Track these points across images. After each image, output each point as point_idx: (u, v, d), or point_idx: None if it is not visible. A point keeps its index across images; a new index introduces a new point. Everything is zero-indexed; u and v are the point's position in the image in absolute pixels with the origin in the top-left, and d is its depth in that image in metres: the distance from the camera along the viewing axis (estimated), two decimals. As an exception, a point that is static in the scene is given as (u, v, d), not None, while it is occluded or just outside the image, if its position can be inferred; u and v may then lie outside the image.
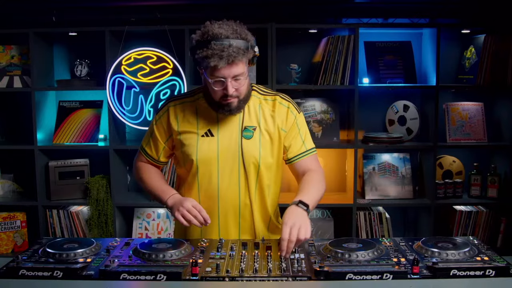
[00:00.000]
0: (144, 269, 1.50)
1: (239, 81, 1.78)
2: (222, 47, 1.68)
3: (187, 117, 1.92)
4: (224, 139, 1.89)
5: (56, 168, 3.42)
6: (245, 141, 1.88)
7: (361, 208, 3.42)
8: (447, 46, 3.48)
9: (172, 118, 1.93)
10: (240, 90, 1.81)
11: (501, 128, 3.48)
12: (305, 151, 1.97)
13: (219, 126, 1.90)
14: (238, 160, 1.88)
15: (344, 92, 3.49)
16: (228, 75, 1.74)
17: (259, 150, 1.89)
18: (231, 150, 1.88)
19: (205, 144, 1.88)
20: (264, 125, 1.91)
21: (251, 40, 1.79)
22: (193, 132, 1.90)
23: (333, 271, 1.48)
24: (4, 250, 3.42)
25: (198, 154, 1.87)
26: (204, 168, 1.89)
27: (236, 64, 1.73)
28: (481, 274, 1.49)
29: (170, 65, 3.29)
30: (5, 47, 3.46)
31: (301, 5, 3.27)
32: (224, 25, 1.74)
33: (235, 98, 1.81)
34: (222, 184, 1.89)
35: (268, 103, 1.94)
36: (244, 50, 1.73)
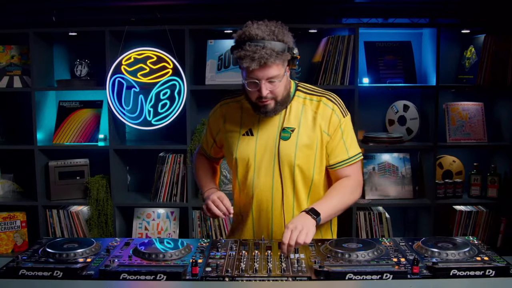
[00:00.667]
0: (144, 269, 1.50)
1: (274, 83, 1.76)
2: (255, 48, 1.68)
3: (232, 116, 1.96)
4: (262, 138, 1.90)
5: (56, 168, 3.42)
6: (282, 142, 1.87)
7: (361, 208, 3.42)
8: (447, 46, 3.48)
9: (220, 117, 1.99)
10: (276, 92, 1.79)
11: (501, 128, 3.48)
12: (347, 159, 1.91)
13: (259, 126, 1.91)
14: (273, 160, 1.88)
15: (344, 92, 3.48)
16: (262, 77, 1.73)
17: (294, 152, 1.87)
18: (268, 150, 1.89)
19: (245, 142, 1.91)
20: (304, 127, 1.88)
21: (289, 42, 1.77)
22: (236, 131, 1.94)
23: (333, 271, 1.48)
24: (4, 250, 3.42)
25: (237, 152, 1.91)
26: (242, 166, 1.92)
27: (269, 66, 1.71)
28: (481, 274, 1.49)
29: (170, 65, 3.29)
30: (5, 47, 3.46)
31: (301, 5, 3.27)
32: (262, 26, 1.73)
33: (271, 100, 1.81)
34: (257, 183, 1.90)
35: (313, 104, 1.91)
36: (278, 52, 1.71)
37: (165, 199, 3.43)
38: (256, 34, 1.70)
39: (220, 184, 3.38)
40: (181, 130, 3.37)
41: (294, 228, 1.66)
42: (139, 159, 3.67)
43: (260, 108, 1.83)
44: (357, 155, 1.94)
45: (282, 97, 1.83)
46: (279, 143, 1.87)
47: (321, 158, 1.91)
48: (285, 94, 1.84)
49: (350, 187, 1.89)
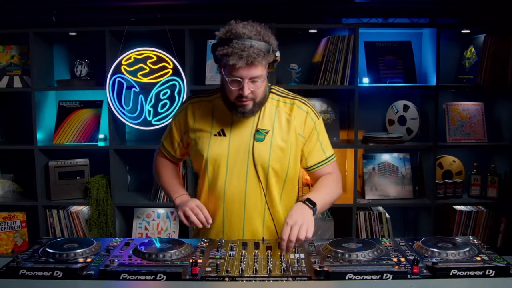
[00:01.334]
0: (144, 269, 1.50)
1: (256, 83, 1.76)
2: (243, 46, 1.68)
3: (203, 116, 1.93)
4: (235, 140, 1.88)
5: (56, 168, 3.42)
6: (256, 143, 1.86)
7: (361, 208, 3.42)
8: (447, 46, 3.48)
9: (189, 116, 1.95)
10: (256, 92, 1.79)
11: (501, 128, 3.48)
12: (325, 159, 1.95)
13: (232, 127, 1.89)
14: (247, 162, 1.87)
15: (344, 92, 3.49)
16: (246, 76, 1.73)
17: (269, 154, 1.86)
18: (241, 152, 1.87)
19: (217, 143, 1.89)
20: (278, 129, 1.88)
21: (273, 44, 1.78)
22: (206, 130, 1.91)
23: (333, 271, 1.48)
24: (4, 250, 3.42)
25: (208, 152, 1.88)
26: (213, 167, 1.89)
27: (255, 65, 1.72)
28: (481, 274, 1.49)
29: (170, 65, 3.29)
30: (5, 47, 3.46)
31: (301, 5, 3.27)
32: (248, 26, 1.74)
33: (250, 100, 1.80)
34: (229, 184, 1.88)
35: (286, 106, 1.91)
36: (264, 53, 1.72)
37: (165, 199, 3.43)
38: (243, 32, 1.70)
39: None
40: (181, 130, 3.37)
41: (294, 223, 1.65)
42: (139, 159, 3.67)
43: (237, 108, 1.82)
44: (333, 155, 2.00)
45: (261, 99, 1.84)
46: (253, 145, 1.86)
47: (295, 160, 1.93)
48: (263, 95, 1.85)
49: (334, 181, 1.94)
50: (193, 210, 1.82)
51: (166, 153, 2.07)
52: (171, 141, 2.03)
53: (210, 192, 1.93)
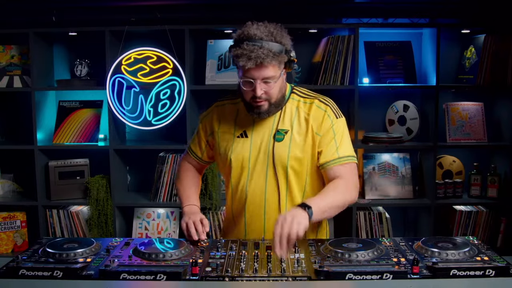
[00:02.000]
0: (144, 269, 1.50)
1: (269, 84, 1.77)
2: (252, 48, 1.69)
3: (227, 118, 1.95)
4: (256, 141, 1.89)
5: (56, 168, 3.42)
6: (276, 143, 1.87)
7: (361, 208, 3.42)
8: (447, 46, 3.48)
9: (214, 119, 1.98)
10: (270, 93, 1.79)
11: (501, 128, 3.48)
12: (337, 158, 1.87)
13: (254, 128, 1.90)
14: (267, 162, 1.88)
15: (344, 92, 3.49)
16: (257, 77, 1.74)
17: (287, 153, 1.86)
18: (262, 152, 1.88)
19: (239, 144, 1.90)
20: (297, 128, 1.88)
21: (287, 45, 1.78)
22: (230, 132, 1.93)
23: (333, 271, 1.48)
24: (4, 250, 3.42)
25: (232, 154, 1.90)
26: (236, 168, 1.91)
27: (265, 66, 1.72)
28: (481, 274, 1.49)
29: (170, 65, 3.29)
30: (5, 47, 3.46)
31: (301, 5, 3.27)
32: (261, 27, 1.75)
33: (265, 101, 1.81)
34: (250, 185, 1.90)
35: (306, 106, 1.91)
36: (275, 53, 1.72)
37: (165, 199, 3.43)
38: (254, 34, 1.71)
39: (220, 184, 3.38)
40: (181, 130, 3.37)
41: (284, 220, 1.61)
42: (139, 159, 3.67)
43: (254, 108, 1.83)
44: (349, 156, 1.89)
45: (276, 99, 1.83)
46: (273, 145, 1.87)
47: (314, 160, 1.90)
48: (279, 96, 1.84)
49: (343, 187, 1.83)
50: (191, 225, 1.85)
51: (192, 155, 2.08)
52: (198, 143, 2.05)
53: (234, 194, 1.95)
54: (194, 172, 2.12)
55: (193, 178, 2.11)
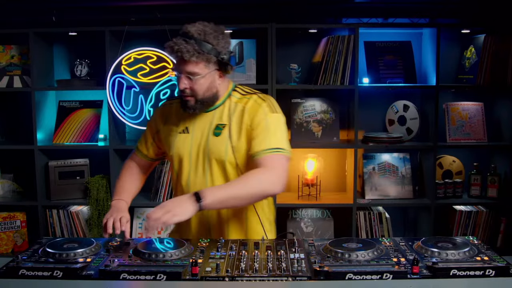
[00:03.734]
0: (144, 269, 1.50)
1: (194, 80, 1.83)
2: (178, 42, 1.79)
3: (172, 116, 2.02)
4: (197, 136, 1.95)
5: (56, 168, 3.42)
6: (213, 138, 1.92)
7: (361, 208, 3.42)
8: (447, 46, 3.48)
9: (160, 117, 2.06)
10: (195, 89, 1.85)
11: (501, 128, 3.48)
12: (265, 149, 1.82)
13: (195, 124, 1.96)
14: (207, 157, 1.93)
15: (344, 92, 3.49)
16: (181, 71, 1.84)
17: (225, 148, 1.90)
18: (202, 147, 1.93)
19: (181, 140, 1.96)
20: (234, 123, 1.91)
21: (217, 46, 1.82)
22: (173, 129, 1.99)
23: (333, 271, 1.48)
24: (4, 250, 3.42)
25: (174, 150, 1.97)
26: (177, 164, 1.98)
27: (187, 61, 1.80)
28: (481, 274, 1.49)
29: (170, 65, 3.29)
30: (5, 47, 3.46)
31: (301, 5, 3.27)
32: (198, 25, 1.83)
33: (190, 96, 1.87)
34: (192, 180, 1.95)
35: (243, 101, 1.94)
36: (198, 51, 1.78)
37: (165, 199, 3.43)
38: (188, 30, 1.81)
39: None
40: (181, 130, 3.37)
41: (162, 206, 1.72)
42: (139, 159, 3.66)
43: (183, 103, 1.91)
44: (279, 148, 1.83)
45: (203, 97, 1.88)
46: (212, 140, 1.91)
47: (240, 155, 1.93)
48: (208, 94, 1.88)
49: (257, 176, 1.79)
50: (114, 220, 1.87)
51: (139, 154, 2.15)
52: (144, 141, 2.12)
53: (178, 188, 2.01)
54: (136, 170, 2.15)
55: (132, 175, 2.14)
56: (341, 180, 3.66)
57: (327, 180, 3.61)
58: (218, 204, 1.78)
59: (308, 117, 3.47)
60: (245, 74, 3.37)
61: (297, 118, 3.47)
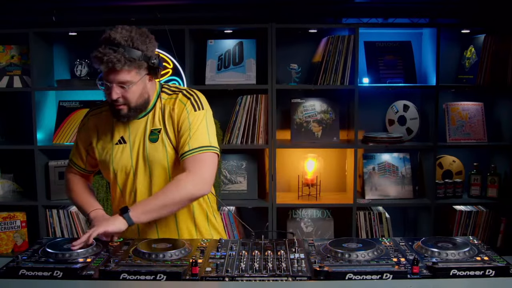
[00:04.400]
0: (144, 269, 1.50)
1: (125, 89, 1.77)
2: (106, 51, 1.70)
3: (104, 126, 1.94)
4: (135, 144, 1.89)
5: (56, 168, 3.42)
6: (151, 144, 1.88)
7: (361, 208, 3.42)
8: (447, 46, 3.48)
9: (91, 128, 1.96)
10: (128, 97, 1.79)
11: (501, 128, 3.48)
12: (187, 151, 1.83)
13: (130, 132, 1.90)
14: (148, 164, 1.88)
15: (344, 92, 3.49)
16: (112, 81, 1.75)
17: (165, 152, 1.88)
18: (141, 155, 1.88)
19: (119, 151, 1.90)
20: (167, 126, 1.89)
21: (147, 51, 1.78)
22: (108, 141, 1.92)
23: (333, 271, 1.48)
24: (4, 250, 3.42)
25: (113, 163, 1.90)
26: (121, 175, 1.91)
27: (118, 71, 1.73)
28: (481, 274, 1.49)
29: (170, 65, 3.29)
30: (5, 47, 3.46)
31: (301, 5, 3.27)
32: (124, 31, 1.75)
33: (123, 105, 1.81)
34: (137, 189, 1.90)
35: (171, 102, 1.91)
36: (129, 59, 1.72)
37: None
38: (114, 38, 1.72)
39: (220, 184, 3.38)
40: (181, 130, 3.37)
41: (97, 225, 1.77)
42: (139, 159, 3.66)
43: (114, 112, 1.84)
44: (200, 148, 1.83)
45: (136, 104, 1.83)
46: (150, 147, 1.87)
47: None
48: (140, 101, 1.84)
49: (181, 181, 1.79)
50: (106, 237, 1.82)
51: (75, 167, 2.06)
52: (78, 154, 2.03)
53: (122, 200, 1.95)
54: (82, 180, 2.09)
55: (84, 185, 2.07)
56: (341, 180, 3.66)
57: (327, 180, 3.61)
58: (145, 217, 1.79)
59: (308, 117, 3.47)
60: (245, 74, 3.37)
61: (297, 118, 3.47)
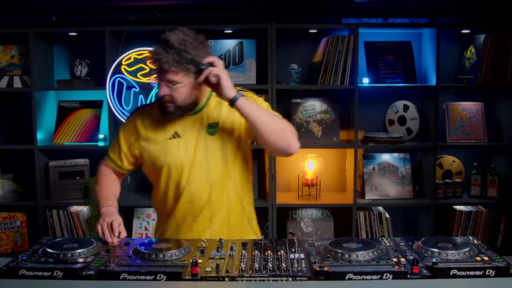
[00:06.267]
0: (144, 269, 1.50)
1: (174, 88, 1.83)
2: (160, 51, 1.80)
3: (153, 123, 1.98)
4: (191, 138, 1.93)
5: (56, 168, 3.42)
6: (209, 137, 1.92)
7: (361, 208, 3.42)
8: (447, 46, 3.48)
9: (139, 125, 1.99)
10: (174, 96, 1.84)
11: (501, 128, 3.48)
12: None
13: (185, 127, 1.94)
14: (205, 157, 1.91)
15: (344, 92, 3.49)
16: (161, 79, 1.84)
17: (224, 145, 1.92)
18: (198, 149, 1.92)
19: (174, 146, 1.93)
20: (227, 120, 1.93)
21: (197, 56, 1.82)
22: (160, 136, 1.95)
23: (333, 271, 1.48)
24: (4, 250, 3.42)
25: (168, 157, 1.92)
26: (176, 170, 1.92)
27: (167, 71, 1.80)
28: (481, 274, 1.49)
29: (170, 65, 3.28)
30: (5, 47, 3.46)
31: (301, 5, 3.27)
32: (180, 33, 1.84)
33: (170, 102, 1.86)
34: (193, 182, 1.92)
35: None
36: (178, 62, 1.78)
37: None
38: (167, 39, 1.82)
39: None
40: (181, 130, 3.37)
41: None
42: (139, 159, 3.66)
43: (162, 108, 1.90)
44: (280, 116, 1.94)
45: (183, 104, 1.87)
46: (209, 140, 1.92)
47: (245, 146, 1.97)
48: (187, 101, 1.88)
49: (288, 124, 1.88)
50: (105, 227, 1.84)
51: (112, 164, 2.07)
52: (118, 152, 2.04)
53: (176, 195, 1.95)
54: (113, 176, 2.11)
55: (112, 181, 2.10)
56: (341, 180, 3.66)
57: (327, 180, 3.61)
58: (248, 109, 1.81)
59: (308, 117, 3.47)
60: (245, 74, 3.37)
61: (297, 118, 3.47)
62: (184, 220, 1.96)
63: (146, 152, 1.97)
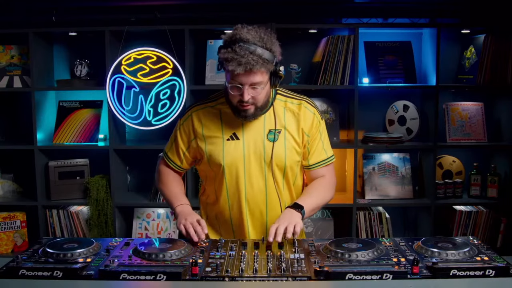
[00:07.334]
0: (144, 269, 1.50)
1: (257, 89, 1.78)
2: (243, 53, 1.68)
3: (211, 122, 1.93)
4: (249, 141, 1.90)
5: (56, 168, 3.42)
6: (269, 143, 1.89)
7: (361, 208, 3.42)
8: (447, 46, 3.48)
9: (196, 123, 1.94)
10: (257, 98, 1.81)
11: (501, 128, 3.48)
12: (325, 159, 2.01)
13: (244, 129, 1.90)
14: (263, 162, 1.90)
15: (344, 92, 3.49)
16: (246, 82, 1.74)
17: (284, 152, 1.91)
18: (257, 153, 1.90)
19: (231, 147, 1.90)
20: (290, 128, 1.92)
21: (276, 52, 1.78)
22: (218, 136, 1.91)
23: (333, 271, 1.48)
24: (4, 250, 3.42)
25: (225, 158, 1.89)
26: (231, 171, 1.91)
27: (254, 72, 1.72)
28: (481, 274, 1.49)
29: (170, 65, 3.29)
30: (5, 47, 3.46)
31: (301, 5, 3.27)
32: (252, 31, 1.74)
33: (251, 105, 1.82)
34: (248, 186, 1.91)
35: (294, 106, 1.95)
36: (265, 60, 1.72)
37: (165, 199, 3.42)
38: (246, 38, 1.71)
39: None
40: (181, 130, 3.37)
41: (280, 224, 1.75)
42: (139, 159, 3.67)
43: (240, 112, 1.84)
44: (332, 157, 2.04)
45: (263, 104, 1.85)
46: (271, 145, 1.89)
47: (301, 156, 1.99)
48: (265, 100, 1.87)
49: (327, 186, 2.01)
50: (193, 225, 1.82)
51: (171, 164, 2.04)
52: (176, 151, 2.01)
53: (231, 197, 1.95)
54: (175, 174, 2.09)
55: (177, 179, 2.08)
56: (341, 180, 3.66)
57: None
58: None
59: (308, 117, 3.46)
60: (245, 74, 3.37)
61: (297, 118, 3.47)
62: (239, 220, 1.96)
63: (203, 151, 1.94)
